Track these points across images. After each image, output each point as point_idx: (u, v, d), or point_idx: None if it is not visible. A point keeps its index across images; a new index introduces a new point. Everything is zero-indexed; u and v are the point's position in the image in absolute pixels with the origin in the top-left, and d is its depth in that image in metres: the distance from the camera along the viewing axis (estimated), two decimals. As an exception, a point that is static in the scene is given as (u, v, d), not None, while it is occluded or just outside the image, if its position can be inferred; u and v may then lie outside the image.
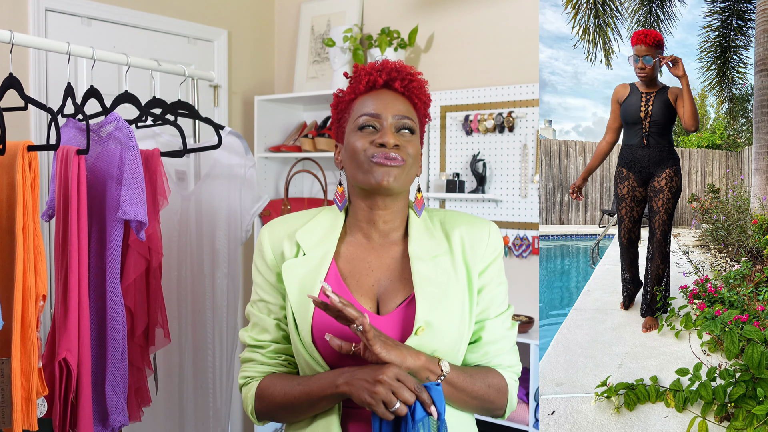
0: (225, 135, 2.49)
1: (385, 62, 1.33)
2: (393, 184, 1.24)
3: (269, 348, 1.35)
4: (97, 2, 2.95)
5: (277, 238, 1.34)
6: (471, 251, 1.31)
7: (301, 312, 1.27)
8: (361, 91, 1.32)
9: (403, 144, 1.26)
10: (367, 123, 1.27)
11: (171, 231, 2.45)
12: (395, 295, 1.29)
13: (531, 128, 2.93)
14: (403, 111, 1.29)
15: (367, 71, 1.32)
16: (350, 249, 1.33)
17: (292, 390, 1.26)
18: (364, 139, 1.26)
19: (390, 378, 1.12)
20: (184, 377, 2.54)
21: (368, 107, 1.28)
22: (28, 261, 1.74)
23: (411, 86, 1.32)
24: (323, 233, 1.32)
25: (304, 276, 1.29)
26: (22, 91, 1.92)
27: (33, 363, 1.76)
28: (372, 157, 1.24)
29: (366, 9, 3.47)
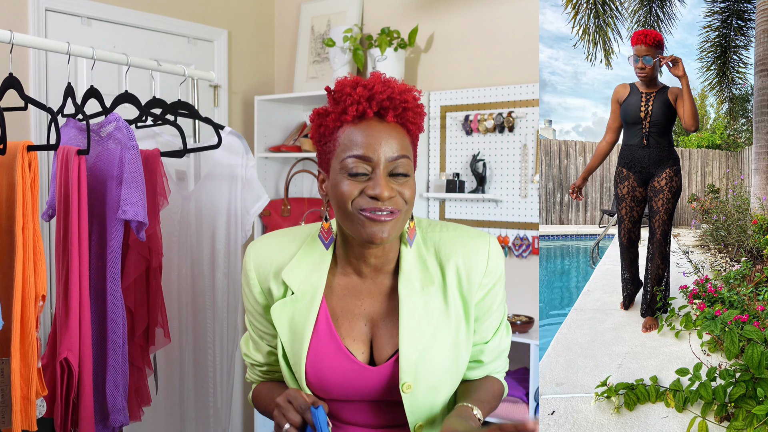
0: (225, 135, 2.49)
1: (374, 85, 1.15)
2: (387, 238, 1.14)
3: (262, 368, 1.39)
4: (97, 2, 2.95)
5: (263, 273, 1.27)
6: (468, 283, 1.24)
7: (293, 356, 1.24)
8: (347, 120, 1.15)
9: (399, 190, 1.14)
10: (357, 169, 1.12)
11: (171, 231, 2.45)
12: (387, 344, 1.24)
13: (531, 128, 2.93)
14: (397, 149, 1.14)
15: (354, 99, 1.14)
16: (341, 284, 1.25)
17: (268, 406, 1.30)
18: (353, 187, 1.12)
19: (282, 400, 1.13)
20: (184, 377, 2.54)
21: (357, 147, 1.12)
22: (27, 261, 1.74)
23: (406, 115, 1.17)
24: (311, 268, 1.24)
25: (294, 316, 1.24)
26: (22, 91, 1.92)
27: (32, 363, 1.76)
28: (362, 210, 1.12)
29: (366, 9, 3.47)
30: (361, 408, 1.27)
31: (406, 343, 1.20)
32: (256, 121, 3.47)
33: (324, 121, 1.19)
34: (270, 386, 1.37)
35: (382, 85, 1.15)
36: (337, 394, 1.24)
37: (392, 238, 1.16)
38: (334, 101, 1.18)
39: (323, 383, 1.23)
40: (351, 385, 1.23)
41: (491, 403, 1.29)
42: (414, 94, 1.19)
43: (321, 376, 1.23)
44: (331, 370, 1.22)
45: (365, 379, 1.23)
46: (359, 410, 1.27)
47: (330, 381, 1.23)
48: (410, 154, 1.17)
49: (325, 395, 1.25)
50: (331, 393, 1.24)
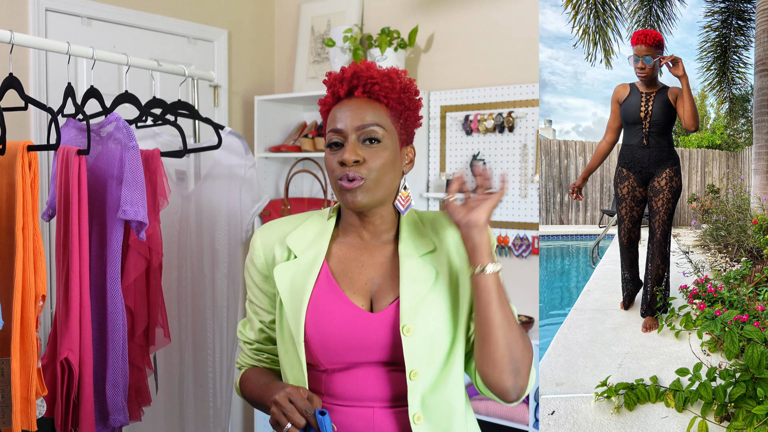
0: (225, 135, 2.49)
1: (352, 68, 1.30)
2: (360, 201, 1.25)
3: (252, 346, 1.43)
4: (97, 2, 2.95)
5: (269, 243, 1.36)
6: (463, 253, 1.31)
7: (293, 311, 1.28)
8: (330, 102, 1.33)
9: (367, 157, 1.25)
10: (333, 140, 1.28)
11: (171, 231, 2.45)
12: (387, 294, 1.30)
13: (531, 128, 2.93)
14: (368, 119, 1.26)
15: (331, 81, 1.32)
16: (342, 249, 1.34)
17: (255, 390, 1.36)
18: (332, 158, 1.28)
19: (282, 399, 1.17)
20: (184, 377, 2.54)
21: (333, 122, 1.29)
22: (27, 261, 1.74)
23: (374, 89, 1.28)
24: (314, 235, 1.34)
25: (294, 277, 1.30)
26: (22, 91, 1.92)
27: (32, 363, 1.76)
28: (339, 179, 1.26)
29: (366, 9, 3.47)
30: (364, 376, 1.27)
31: (406, 290, 1.26)
32: (256, 121, 3.47)
33: (321, 109, 1.36)
34: (257, 372, 1.41)
35: (353, 67, 1.30)
36: (336, 348, 1.26)
37: (369, 202, 1.26)
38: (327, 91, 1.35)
39: (323, 336, 1.26)
40: (352, 335, 1.25)
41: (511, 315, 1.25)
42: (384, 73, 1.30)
43: (321, 328, 1.26)
44: (330, 320, 1.26)
45: (366, 327, 1.26)
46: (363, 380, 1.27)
47: (330, 330, 1.26)
48: (385, 125, 1.28)
49: (323, 352, 1.26)
50: (330, 348, 1.26)
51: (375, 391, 1.27)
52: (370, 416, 1.27)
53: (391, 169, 1.28)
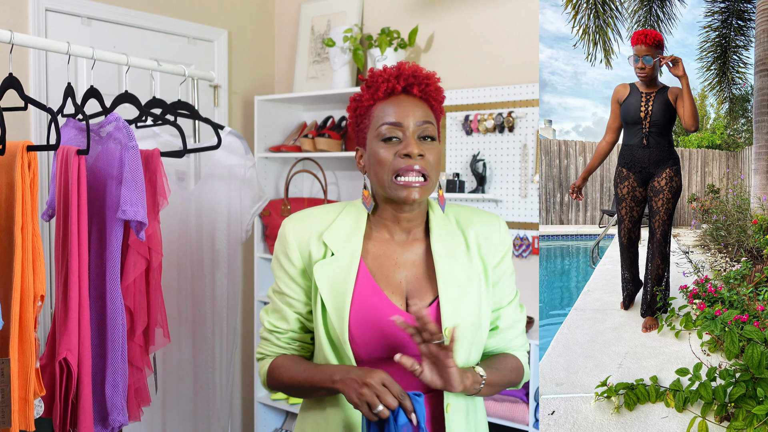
0: (225, 135, 2.49)
1: (402, 67, 1.35)
2: (419, 198, 1.30)
3: (285, 335, 1.43)
4: (97, 2, 2.95)
5: (304, 237, 1.38)
6: (486, 247, 1.40)
7: (336, 311, 1.32)
8: (380, 97, 1.34)
9: (426, 152, 1.30)
10: (390, 133, 1.30)
11: (171, 231, 2.45)
12: (424, 294, 1.35)
13: (531, 128, 2.93)
14: (423, 116, 1.32)
15: (384, 78, 1.34)
16: (376, 246, 1.38)
17: (298, 375, 1.36)
18: (388, 151, 1.30)
19: (376, 382, 1.20)
20: (184, 377, 2.54)
21: (389, 116, 1.31)
22: (26, 261, 1.74)
23: (428, 90, 1.35)
24: (349, 232, 1.37)
25: (335, 275, 1.34)
26: (22, 91, 1.92)
27: (30, 363, 1.76)
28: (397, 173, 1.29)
29: (366, 9, 3.47)
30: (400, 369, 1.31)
31: (444, 291, 1.33)
32: (256, 121, 3.46)
33: (359, 104, 1.37)
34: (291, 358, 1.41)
35: (407, 67, 1.36)
36: (378, 347, 1.32)
37: (423, 198, 1.31)
38: (367, 87, 1.37)
39: (366, 336, 1.31)
40: (393, 336, 1.32)
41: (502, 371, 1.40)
42: (435, 77, 1.38)
43: (364, 329, 1.31)
44: (374, 322, 1.31)
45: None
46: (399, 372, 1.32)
47: (372, 333, 1.31)
48: (434, 123, 1.35)
49: (365, 350, 1.32)
50: (371, 346, 1.32)
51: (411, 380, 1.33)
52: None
53: (438, 167, 1.35)
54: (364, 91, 1.37)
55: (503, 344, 1.47)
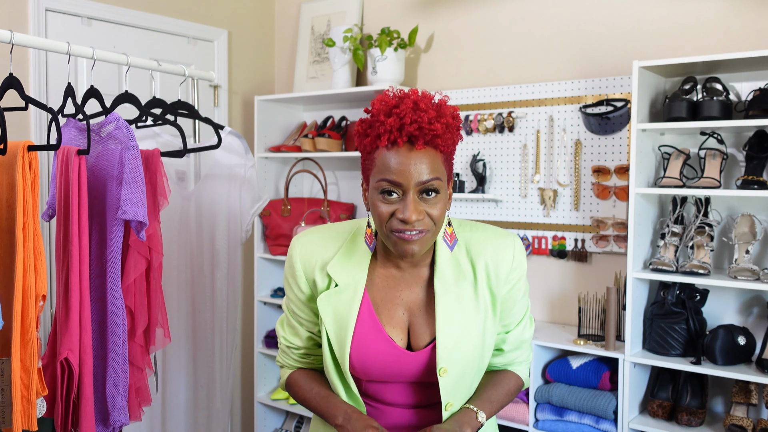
0: (225, 135, 2.49)
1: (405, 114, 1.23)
2: (417, 251, 1.27)
3: (299, 351, 1.48)
4: (97, 2, 2.95)
5: (309, 266, 1.39)
6: (495, 278, 1.36)
7: (338, 342, 1.35)
8: (382, 145, 1.25)
9: (429, 209, 1.25)
10: (389, 190, 1.24)
11: (171, 231, 2.45)
12: (423, 332, 1.36)
13: (531, 128, 2.93)
14: (427, 173, 1.23)
15: (386, 128, 1.23)
16: (381, 279, 1.38)
17: (310, 399, 1.43)
18: (386, 207, 1.25)
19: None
20: (184, 377, 2.54)
21: (389, 172, 1.23)
22: (27, 261, 1.75)
23: (435, 142, 1.25)
24: (353, 263, 1.36)
25: (338, 307, 1.35)
26: (23, 91, 1.93)
27: (32, 363, 1.76)
28: (394, 231, 1.25)
29: (366, 9, 3.47)
30: (398, 389, 1.39)
31: (442, 332, 1.33)
32: (256, 121, 3.47)
33: (363, 141, 1.29)
34: (306, 376, 1.47)
35: (412, 114, 1.23)
36: (378, 377, 1.37)
37: (422, 252, 1.28)
38: (369, 125, 1.28)
39: (366, 367, 1.35)
40: (391, 368, 1.36)
41: (502, 401, 1.42)
42: (444, 121, 1.26)
43: (364, 361, 1.35)
44: (374, 356, 1.35)
45: (405, 364, 1.35)
46: (397, 391, 1.39)
47: (372, 365, 1.35)
48: (442, 174, 1.27)
49: (365, 377, 1.37)
50: (371, 375, 1.37)
51: (409, 399, 1.40)
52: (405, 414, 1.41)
53: (442, 220, 1.29)
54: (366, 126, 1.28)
55: (506, 362, 1.48)
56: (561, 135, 2.87)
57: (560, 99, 2.86)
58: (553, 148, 2.89)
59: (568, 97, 2.85)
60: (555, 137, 2.89)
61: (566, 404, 2.55)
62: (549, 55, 2.93)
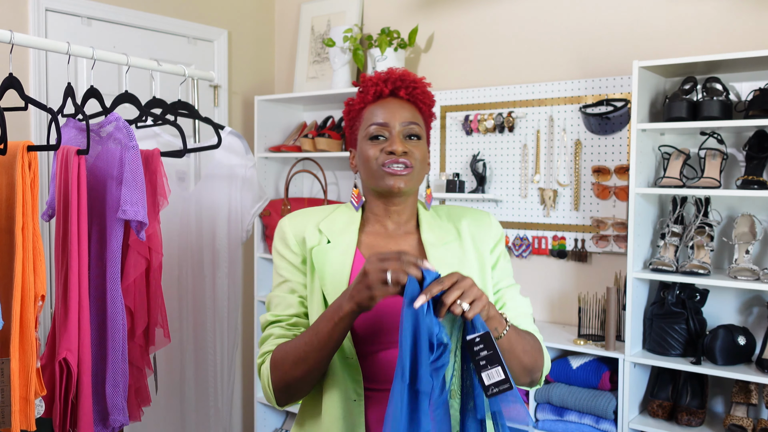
0: (225, 135, 2.49)
1: (391, 72, 1.43)
2: (404, 188, 1.37)
3: (289, 321, 1.39)
4: (97, 2, 2.95)
5: (299, 228, 1.43)
6: (479, 235, 1.45)
7: (335, 293, 1.34)
8: (369, 100, 1.42)
9: (411, 150, 1.37)
10: (377, 132, 1.38)
11: (171, 231, 2.45)
12: None
13: (531, 128, 2.93)
14: (409, 117, 1.40)
15: (373, 82, 1.42)
16: (370, 238, 1.43)
17: (300, 340, 1.29)
18: (375, 148, 1.38)
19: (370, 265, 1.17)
20: (184, 377, 2.54)
21: (377, 117, 1.39)
22: (27, 261, 1.74)
23: (415, 93, 1.42)
24: (344, 225, 1.43)
25: (333, 261, 1.38)
26: (22, 91, 1.93)
27: (31, 363, 1.76)
28: (383, 165, 1.36)
29: (366, 9, 3.47)
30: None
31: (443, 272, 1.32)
32: (256, 121, 3.47)
33: (351, 107, 1.45)
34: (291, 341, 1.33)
35: (395, 72, 1.43)
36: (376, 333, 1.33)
37: (409, 189, 1.38)
38: (359, 92, 1.44)
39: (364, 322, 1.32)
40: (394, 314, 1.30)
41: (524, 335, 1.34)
42: (423, 81, 1.45)
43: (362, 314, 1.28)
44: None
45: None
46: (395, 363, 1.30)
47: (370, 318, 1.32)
48: (421, 125, 1.42)
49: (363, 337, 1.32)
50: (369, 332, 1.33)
51: None
52: None
53: (425, 164, 1.42)
54: (356, 96, 1.45)
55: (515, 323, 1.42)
56: (561, 135, 2.87)
57: (560, 99, 2.86)
58: (553, 148, 2.88)
59: (568, 97, 2.85)
60: (555, 137, 2.88)
61: (566, 404, 2.55)
62: (549, 55, 2.93)
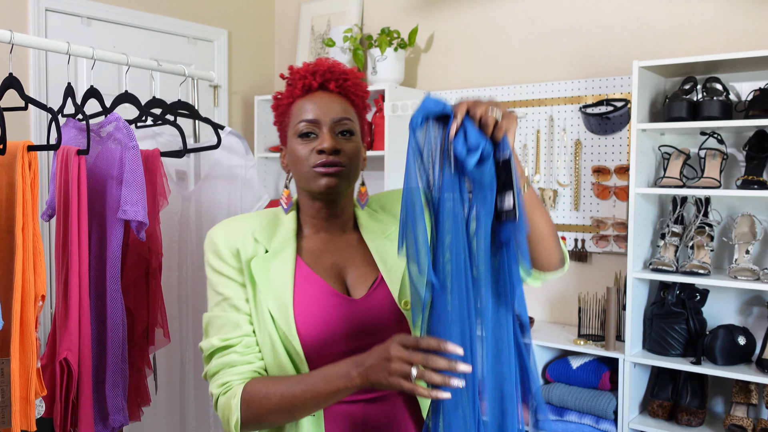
0: (225, 135, 2.49)
1: (319, 62, 1.33)
2: (337, 187, 1.28)
3: (241, 343, 1.26)
4: (97, 2, 2.95)
5: (232, 238, 1.31)
6: None
7: (279, 307, 1.24)
8: (298, 94, 1.32)
9: (343, 147, 1.28)
10: (306, 130, 1.29)
11: (171, 231, 2.45)
12: (363, 279, 1.31)
13: (531, 128, 2.93)
14: (341, 112, 1.30)
15: (301, 74, 1.32)
16: (310, 243, 1.34)
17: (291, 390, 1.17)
18: (305, 147, 1.29)
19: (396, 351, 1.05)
20: (184, 377, 2.54)
21: (306, 113, 1.30)
22: (27, 261, 1.74)
23: (346, 85, 1.32)
24: (281, 231, 1.33)
25: (275, 272, 1.28)
26: (22, 91, 1.92)
27: (32, 363, 1.76)
28: (314, 166, 1.27)
29: (366, 9, 3.47)
30: None
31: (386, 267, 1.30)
32: (256, 121, 3.47)
33: (280, 102, 1.35)
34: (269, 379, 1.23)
35: (324, 63, 1.33)
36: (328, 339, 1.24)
37: (342, 188, 1.30)
38: (287, 85, 1.35)
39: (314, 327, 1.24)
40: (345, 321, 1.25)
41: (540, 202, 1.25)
42: (354, 72, 1.36)
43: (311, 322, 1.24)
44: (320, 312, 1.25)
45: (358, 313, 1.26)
46: None
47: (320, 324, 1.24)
48: (354, 119, 1.32)
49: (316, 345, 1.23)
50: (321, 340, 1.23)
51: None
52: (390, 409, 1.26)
53: (358, 161, 1.33)
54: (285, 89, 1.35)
55: None
56: (561, 135, 2.87)
57: (560, 99, 2.86)
58: (553, 148, 2.88)
59: (568, 97, 2.85)
60: (555, 137, 2.88)
61: (566, 404, 2.55)
62: (549, 55, 2.93)
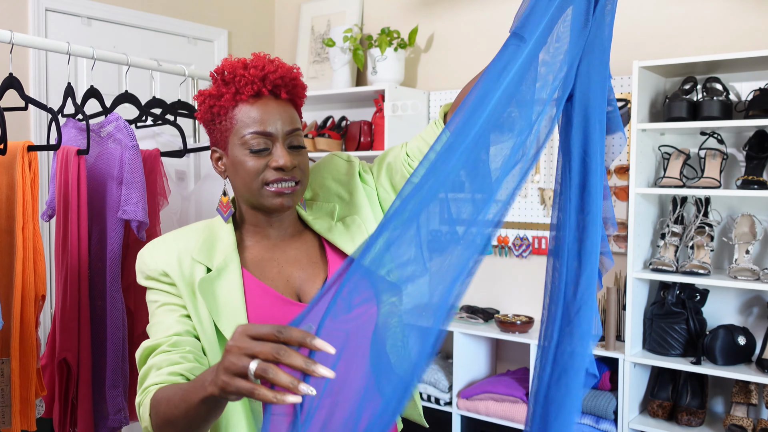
0: (225, 135, 2.48)
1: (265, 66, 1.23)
2: (291, 205, 1.22)
3: (169, 341, 1.17)
4: (97, 2, 2.95)
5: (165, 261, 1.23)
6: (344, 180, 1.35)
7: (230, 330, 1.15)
8: (243, 99, 1.21)
9: (299, 162, 1.21)
10: (258, 145, 1.18)
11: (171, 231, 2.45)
12: (313, 282, 1.25)
13: (531, 128, 2.93)
14: (292, 122, 1.22)
15: (248, 79, 1.20)
16: (253, 253, 1.26)
17: (174, 396, 1.03)
18: (256, 161, 1.19)
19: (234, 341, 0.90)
20: (184, 377, 2.54)
21: (257, 124, 1.19)
22: (27, 261, 1.75)
23: (295, 91, 1.25)
24: (220, 245, 1.24)
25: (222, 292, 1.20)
26: (22, 91, 1.92)
27: (32, 363, 1.76)
28: (268, 184, 1.19)
29: (366, 9, 3.47)
30: None
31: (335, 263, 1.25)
32: (256, 121, 3.46)
33: (218, 102, 1.22)
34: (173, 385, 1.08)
35: (271, 65, 1.23)
36: None
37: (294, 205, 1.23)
38: (224, 82, 1.23)
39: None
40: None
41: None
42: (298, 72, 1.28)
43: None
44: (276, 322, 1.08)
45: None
46: None
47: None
48: (301, 127, 1.25)
49: None
50: None
51: None
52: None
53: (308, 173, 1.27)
54: (221, 86, 1.23)
55: None
56: (561, 135, 2.87)
57: (560, 99, 2.86)
58: (553, 147, 2.88)
59: (568, 97, 2.85)
60: (555, 137, 2.88)
61: (566, 404, 2.55)
62: (549, 55, 2.93)
